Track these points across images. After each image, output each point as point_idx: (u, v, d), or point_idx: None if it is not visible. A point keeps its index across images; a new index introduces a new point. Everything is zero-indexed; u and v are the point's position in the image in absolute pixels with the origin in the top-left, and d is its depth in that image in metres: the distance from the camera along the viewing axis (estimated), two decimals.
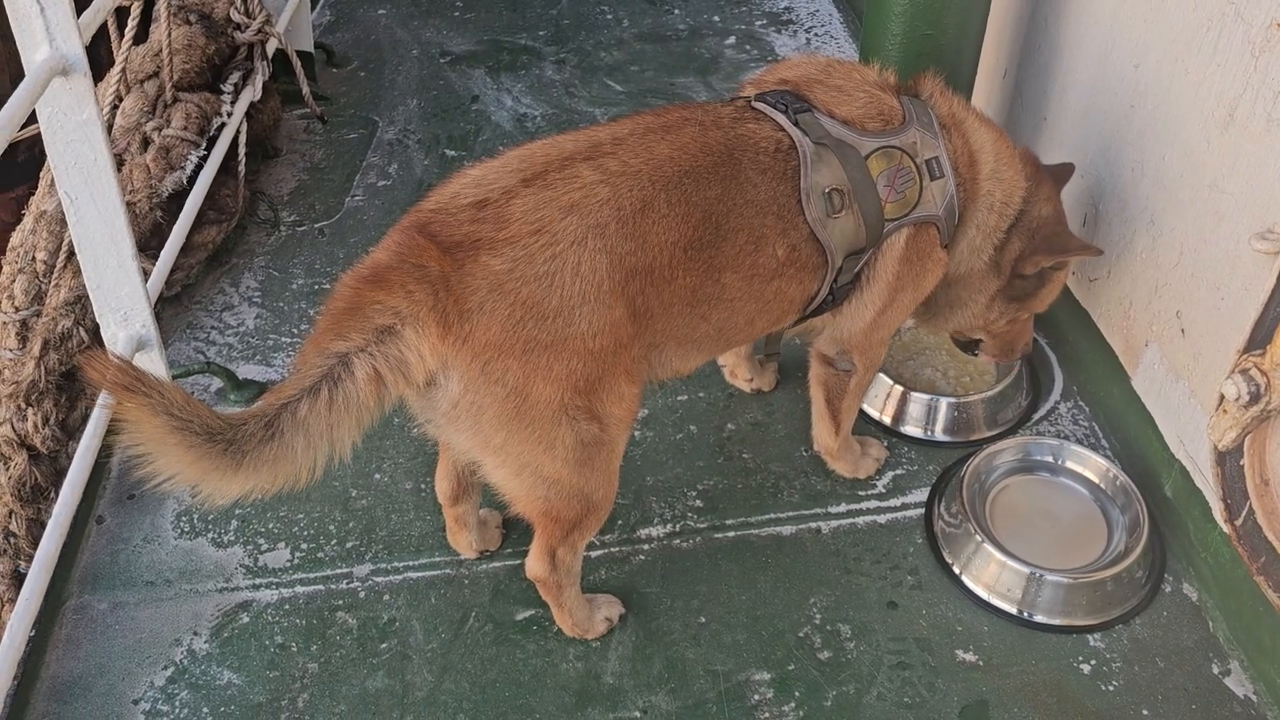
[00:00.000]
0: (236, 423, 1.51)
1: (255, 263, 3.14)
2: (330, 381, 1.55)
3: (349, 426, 1.58)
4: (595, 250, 1.64)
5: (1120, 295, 2.41)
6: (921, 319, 2.34)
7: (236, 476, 1.52)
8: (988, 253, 2.15)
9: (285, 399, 1.54)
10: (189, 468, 1.48)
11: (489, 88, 3.93)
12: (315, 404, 1.54)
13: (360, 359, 1.56)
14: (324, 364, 1.55)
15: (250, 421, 1.52)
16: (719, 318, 1.86)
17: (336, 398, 1.55)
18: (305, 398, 1.54)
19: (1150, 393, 2.32)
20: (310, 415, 1.54)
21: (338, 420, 1.56)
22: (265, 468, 1.53)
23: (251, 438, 1.51)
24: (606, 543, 2.32)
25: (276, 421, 1.53)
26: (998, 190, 2.09)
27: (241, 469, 1.51)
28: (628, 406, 1.78)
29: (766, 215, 1.83)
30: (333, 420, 1.56)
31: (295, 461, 1.55)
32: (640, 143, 1.76)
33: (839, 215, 1.89)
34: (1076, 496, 2.34)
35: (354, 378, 1.56)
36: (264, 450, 1.52)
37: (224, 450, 1.49)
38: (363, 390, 1.56)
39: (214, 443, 1.48)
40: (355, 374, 1.56)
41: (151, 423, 1.44)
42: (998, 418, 2.54)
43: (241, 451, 1.50)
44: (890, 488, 2.43)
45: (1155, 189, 2.23)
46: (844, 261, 1.94)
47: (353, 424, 1.58)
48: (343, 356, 1.56)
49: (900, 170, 1.94)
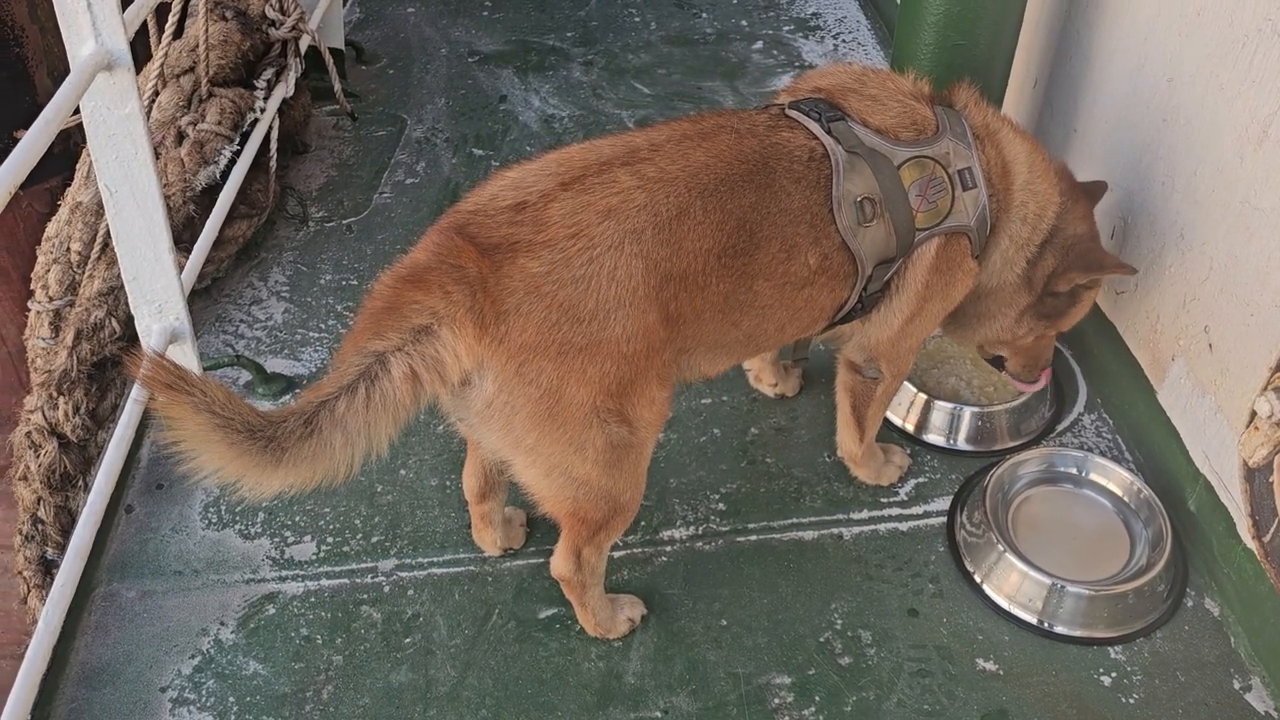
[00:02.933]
0: (277, 420, 1.53)
1: (284, 258, 3.17)
2: (368, 380, 1.57)
3: (386, 424, 1.60)
4: (631, 255, 1.65)
5: (1148, 309, 2.42)
6: (949, 330, 2.35)
7: (277, 472, 1.54)
8: (1020, 266, 2.16)
9: (324, 397, 1.56)
10: (231, 464, 1.51)
11: (517, 88, 3.95)
12: (353, 402, 1.56)
13: (397, 358, 1.58)
14: (361, 363, 1.58)
15: (290, 419, 1.54)
16: (750, 324, 1.87)
17: (374, 396, 1.57)
18: (343, 396, 1.56)
19: (1176, 407, 2.33)
20: (348, 413, 1.56)
21: (375, 418, 1.58)
22: (305, 464, 1.55)
23: (291, 435, 1.53)
24: (630, 543, 2.34)
25: (315, 419, 1.55)
26: (1031, 202, 2.10)
27: (281, 465, 1.53)
28: (658, 410, 1.79)
29: (799, 224, 1.84)
30: (370, 418, 1.58)
31: (333, 458, 1.57)
32: (677, 149, 1.78)
33: (870, 224, 1.90)
34: (1099, 509, 2.34)
35: (390, 376, 1.58)
36: (303, 447, 1.54)
37: (264, 447, 1.51)
38: (399, 389, 1.58)
39: (255, 439, 1.50)
40: (392, 373, 1.58)
41: (194, 420, 1.46)
42: (1021, 428, 2.54)
43: (281, 448, 1.52)
44: (913, 495, 2.44)
45: (1186, 204, 2.23)
46: (874, 270, 1.95)
47: (389, 422, 1.60)
48: (380, 355, 1.58)
49: (933, 180, 1.95)
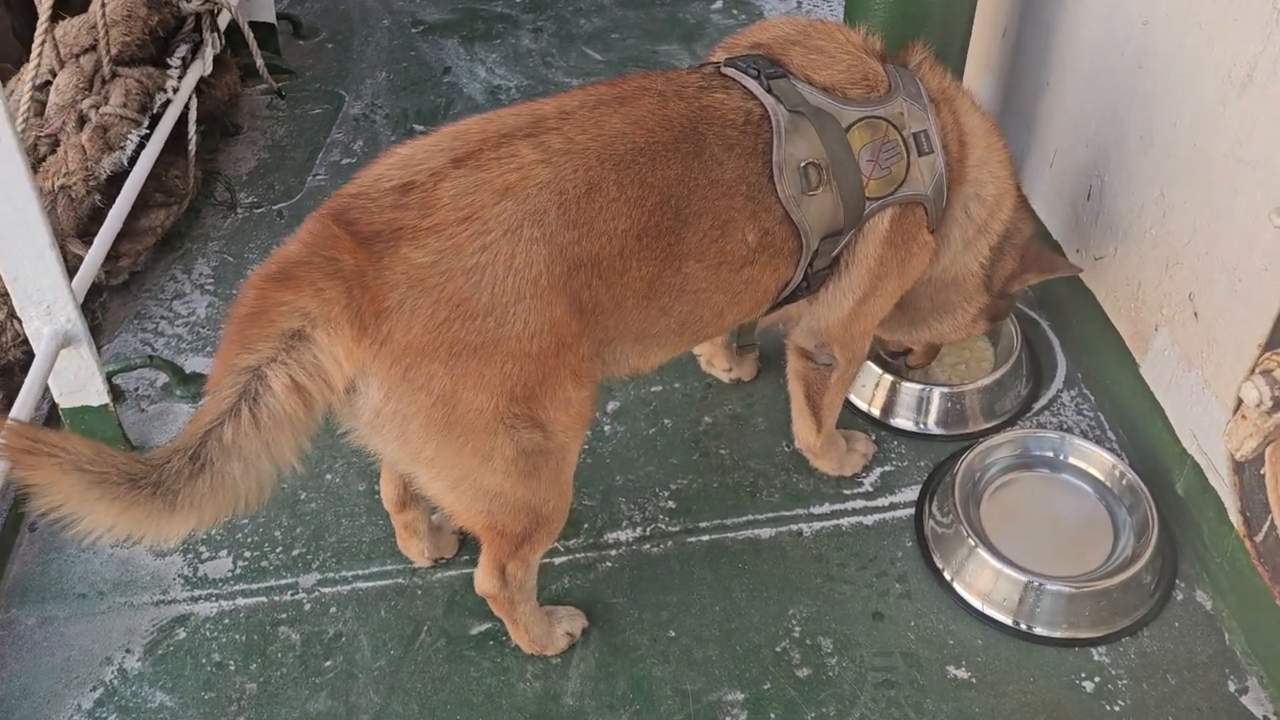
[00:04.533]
0: (159, 462, 1.38)
1: (209, 248, 2.96)
2: (249, 399, 1.40)
3: (286, 441, 1.44)
4: (532, 240, 1.46)
5: (1128, 275, 2.22)
6: (895, 326, 2.16)
7: (174, 518, 1.39)
8: (984, 253, 1.99)
9: (206, 426, 1.40)
10: (120, 519, 1.36)
11: (462, 58, 3.73)
12: (239, 426, 1.39)
13: (274, 370, 1.39)
14: (238, 381, 1.40)
15: (174, 458, 1.38)
16: (682, 311, 1.68)
17: (260, 415, 1.40)
18: (227, 421, 1.39)
19: (1160, 381, 2.14)
20: (239, 438, 1.40)
21: (271, 438, 1.42)
22: (205, 502, 1.40)
23: (179, 475, 1.38)
24: (571, 548, 2.16)
25: (203, 452, 1.39)
26: (989, 185, 1.92)
27: (178, 510, 1.39)
28: (576, 412, 1.61)
29: (734, 196, 1.64)
30: (265, 439, 1.41)
31: (236, 489, 1.42)
32: (589, 116, 1.57)
33: (815, 192, 1.70)
34: (1079, 496, 2.16)
35: (273, 392, 1.40)
36: (196, 485, 1.39)
37: (152, 495, 1.36)
38: (287, 403, 1.41)
39: (138, 489, 1.35)
40: (273, 387, 1.40)
41: (65, 482, 1.30)
42: (995, 408, 2.35)
43: (172, 492, 1.38)
44: (878, 485, 2.26)
45: (1165, 158, 2.03)
46: (820, 244, 1.75)
47: (289, 438, 1.44)
48: (255, 370, 1.39)
49: (885, 144, 1.75)
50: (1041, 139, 2.53)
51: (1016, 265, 2.09)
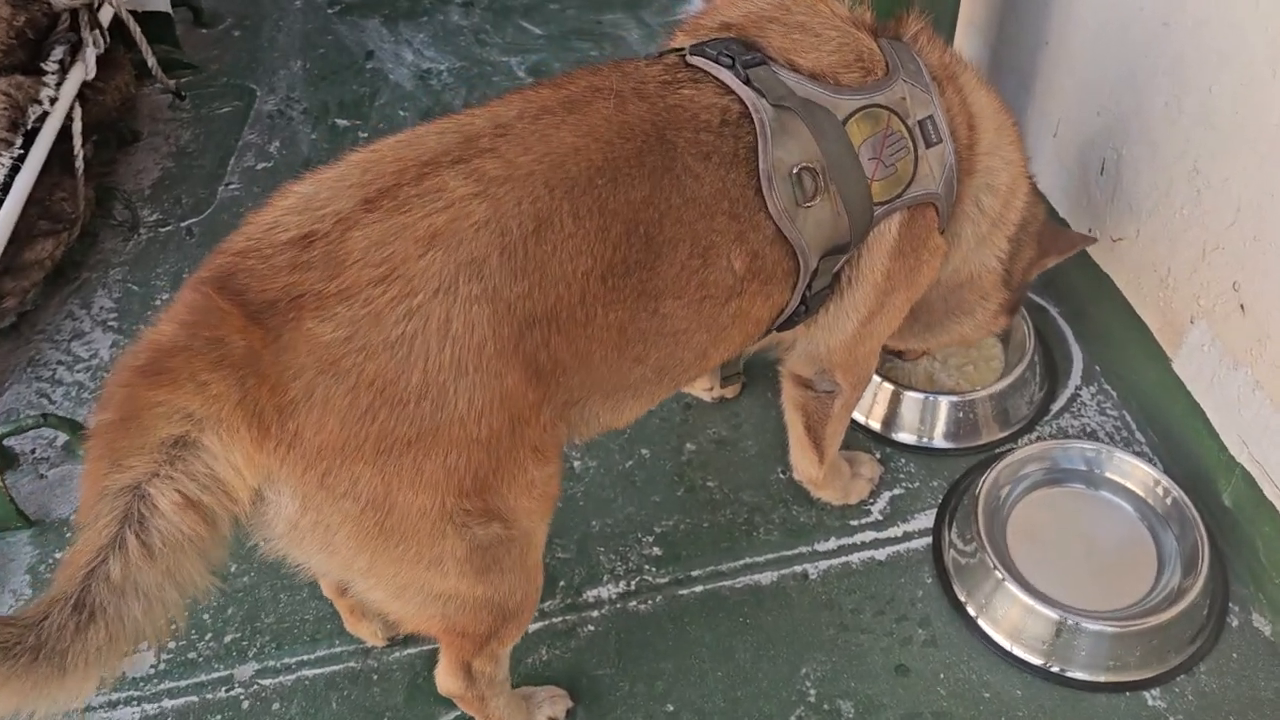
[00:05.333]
0: (34, 621, 1.08)
1: (110, 277, 2.61)
2: (134, 525, 1.10)
3: (193, 565, 1.15)
4: (471, 298, 1.16)
5: (1154, 259, 1.97)
6: (910, 333, 1.89)
7: (68, 682, 1.10)
8: (1002, 249, 1.72)
9: (87, 566, 1.10)
10: None
11: (386, 40, 3.36)
12: (129, 559, 1.10)
13: (158, 487, 1.09)
14: (114, 506, 1.10)
15: (53, 611, 1.09)
16: (660, 357, 1.39)
17: (153, 542, 1.10)
18: (112, 556, 1.10)
19: (1199, 380, 1.89)
20: (131, 573, 1.11)
21: (173, 564, 1.13)
22: (104, 655, 1.12)
23: (63, 631, 1.09)
24: (547, 611, 1.88)
25: (88, 598, 1.10)
26: (1003, 172, 1.65)
27: (70, 671, 1.10)
28: (541, 492, 1.32)
29: (715, 215, 1.35)
30: (165, 567, 1.12)
31: (140, 630, 1.13)
32: (531, 130, 1.27)
33: (812, 203, 1.41)
34: (1117, 514, 1.92)
35: (161, 513, 1.10)
36: (87, 638, 1.10)
37: (33, 661, 1.07)
38: (182, 524, 1.11)
39: (13, 658, 1.06)
40: (160, 507, 1.10)
41: None
42: (1010, 415, 2.10)
43: (57, 652, 1.09)
44: (888, 513, 2.01)
45: (1199, 128, 1.77)
46: (820, 263, 1.47)
47: (195, 561, 1.15)
48: (134, 489, 1.09)
49: (890, 136, 1.47)
50: (1043, 105, 2.26)
51: (1034, 252, 1.84)
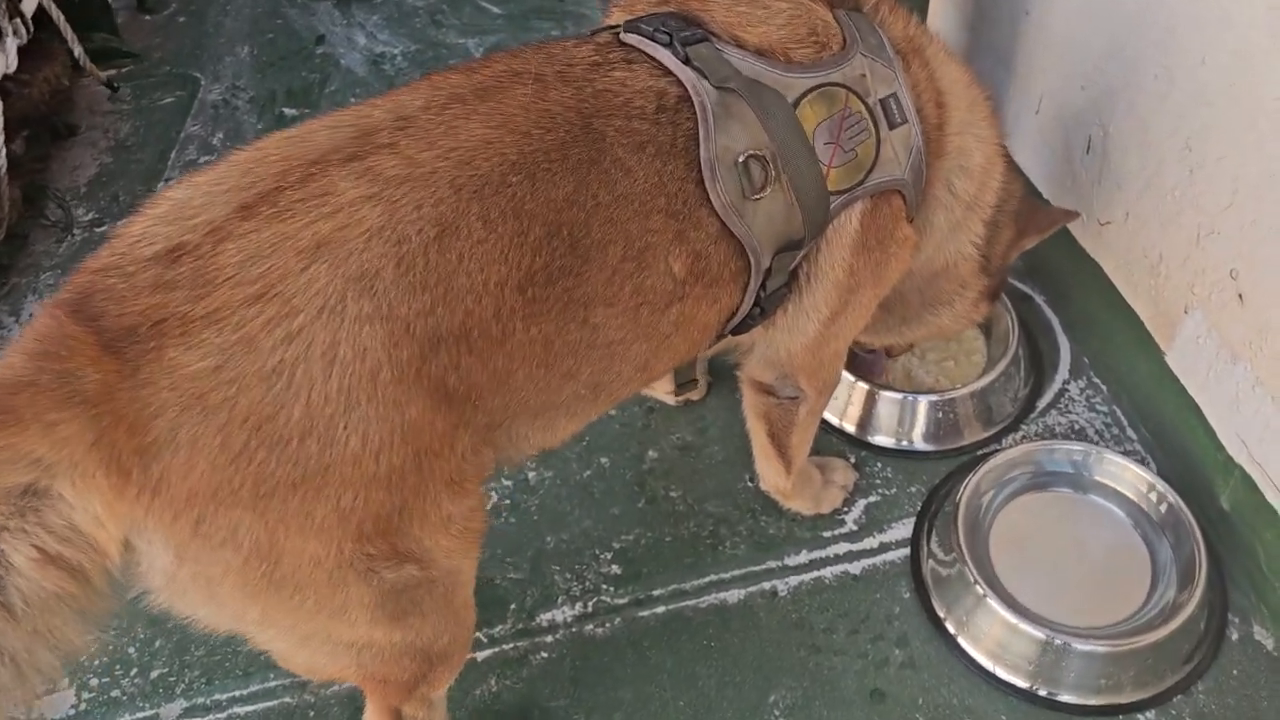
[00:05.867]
0: None
1: (41, 281, 2.47)
2: None
3: (67, 622, 1.02)
4: (361, 318, 1.01)
5: (1144, 244, 1.83)
6: (884, 328, 1.75)
7: None
8: (978, 234, 1.58)
9: None
10: None
11: (337, 24, 3.20)
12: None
13: (9, 543, 0.96)
14: None
15: None
16: (594, 371, 1.25)
17: (13, 603, 0.97)
18: None
19: (1194, 374, 1.76)
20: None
21: (42, 625, 1.00)
22: None
23: None
24: (497, 637, 1.75)
25: None
26: (976, 151, 1.51)
27: None
28: (462, 527, 1.18)
29: (651, 213, 1.21)
30: (32, 628, 0.99)
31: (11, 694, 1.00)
32: (437, 122, 1.12)
33: (761, 194, 1.27)
34: (1108, 520, 1.78)
35: (17, 570, 0.96)
36: None
37: None
38: (45, 581, 0.98)
39: None
40: (15, 564, 0.96)
41: None
42: (993, 413, 1.96)
43: None
44: (863, 522, 1.87)
45: (1193, 103, 1.62)
46: (774, 260, 1.33)
47: (69, 616, 1.02)
48: None
49: (848, 118, 1.32)
50: (1024, 79, 2.11)
51: (1012, 233, 1.71)
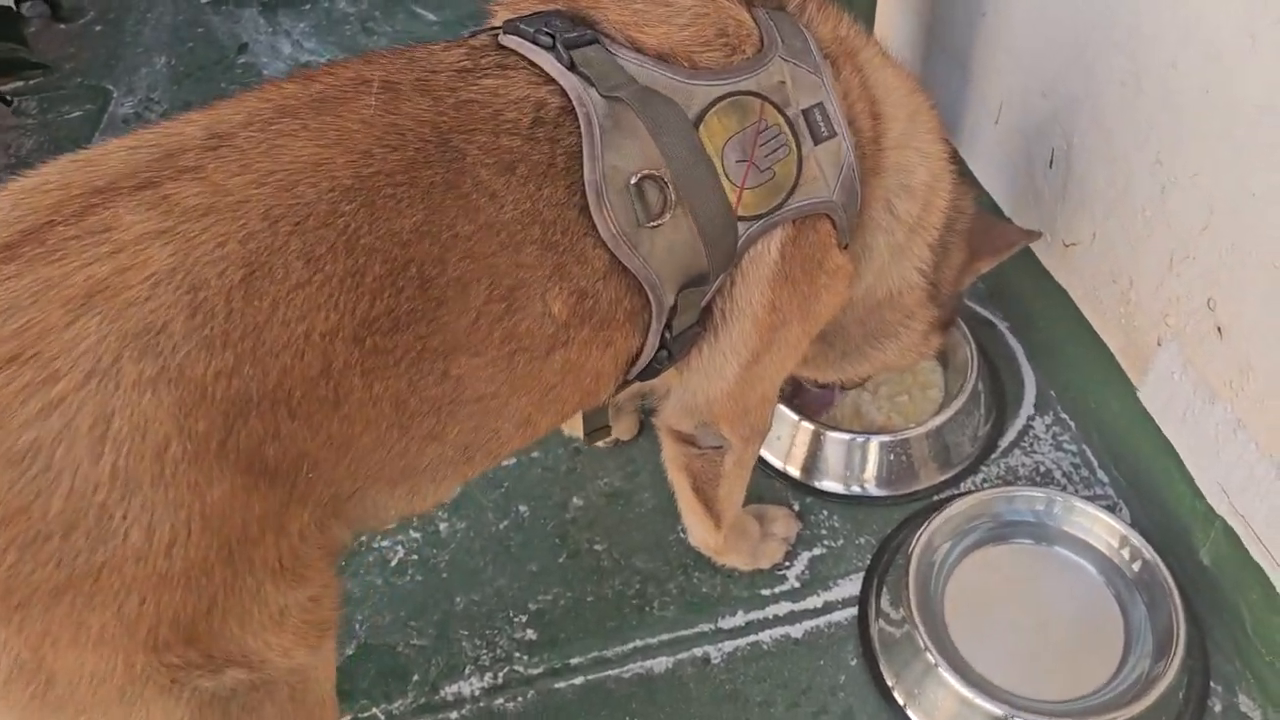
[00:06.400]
0: None
1: None
2: None
3: None
4: (141, 383, 0.82)
5: (1113, 269, 1.65)
6: (824, 363, 1.57)
7: None
8: (924, 259, 1.40)
9: None
10: None
11: (262, 31, 3.01)
12: None
13: None
14: None
15: None
16: (463, 431, 1.06)
17: None
18: None
19: (1169, 414, 1.58)
20: None
21: None
22: None
23: None
24: (396, 713, 1.56)
25: None
26: (919, 167, 1.33)
27: None
28: (301, 620, 0.99)
29: (523, 245, 1.02)
30: None
31: None
32: (259, 140, 0.93)
33: (659, 221, 1.09)
34: (1077, 578, 1.60)
35: None
36: None
37: None
38: None
39: None
40: None
41: None
42: (951, 453, 1.78)
43: None
44: (807, 578, 1.69)
45: (1162, 113, 1.45)
46: (679, 297, 1.14)
47: None
48: None
49: (763, 131, 1.14)
50: (981, 86, 1.94)
51: (964, 255, 1.53)
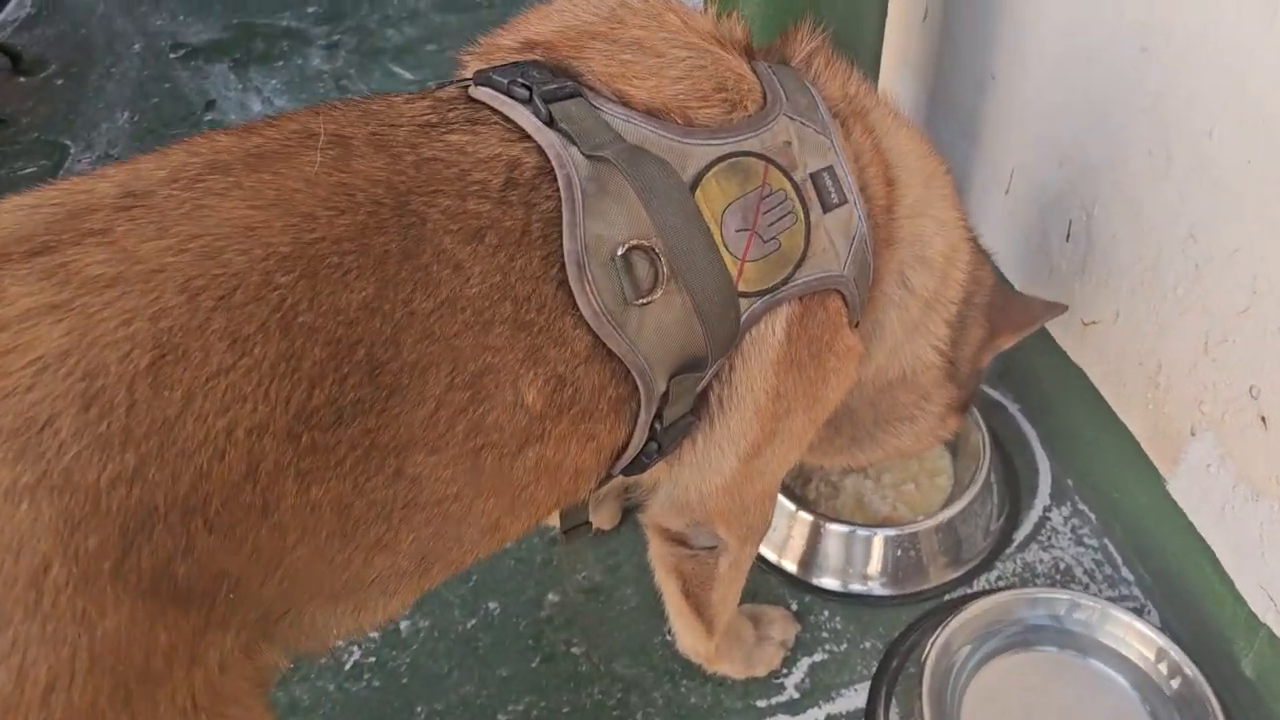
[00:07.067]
0: None
1: None
2: None
3: None
4: (17, 490, 0.67)
5: (1139, 350, 1.53)
6: (832, 449, 1.43)
7: None
8: (941, 336, 1.26)
9: None
10: None
11: (232, 88, 2.89)
12: None
13: None
14: None
15: None
16: (419, 539, 0.90)
17: None
18: None
19: (1204, 509, 1.44)
20: None
21: None
22: None
23: None
24: None
25: None
26: (935, 237, 1.20)
27: None
28: None
29: (492, 325, 0.87)
30: None
31: None
32: (182, 199, 0.79)
33: (650, 298, 0.95)
34: (1105, 689, 1.45)
35: None
36: None
37: None
38: None
39: None
40: None
41: None
42: (962, 549, 1.64)
43: None
44: (806, 687, 1.52)
45: (1196, 184, 1.34)
46: (671, 385, 1.00)
47: None
48: None
49: (767, 198, 1.01)
50: (991, 153, 1.83)
51: (984, 331, 1.39)
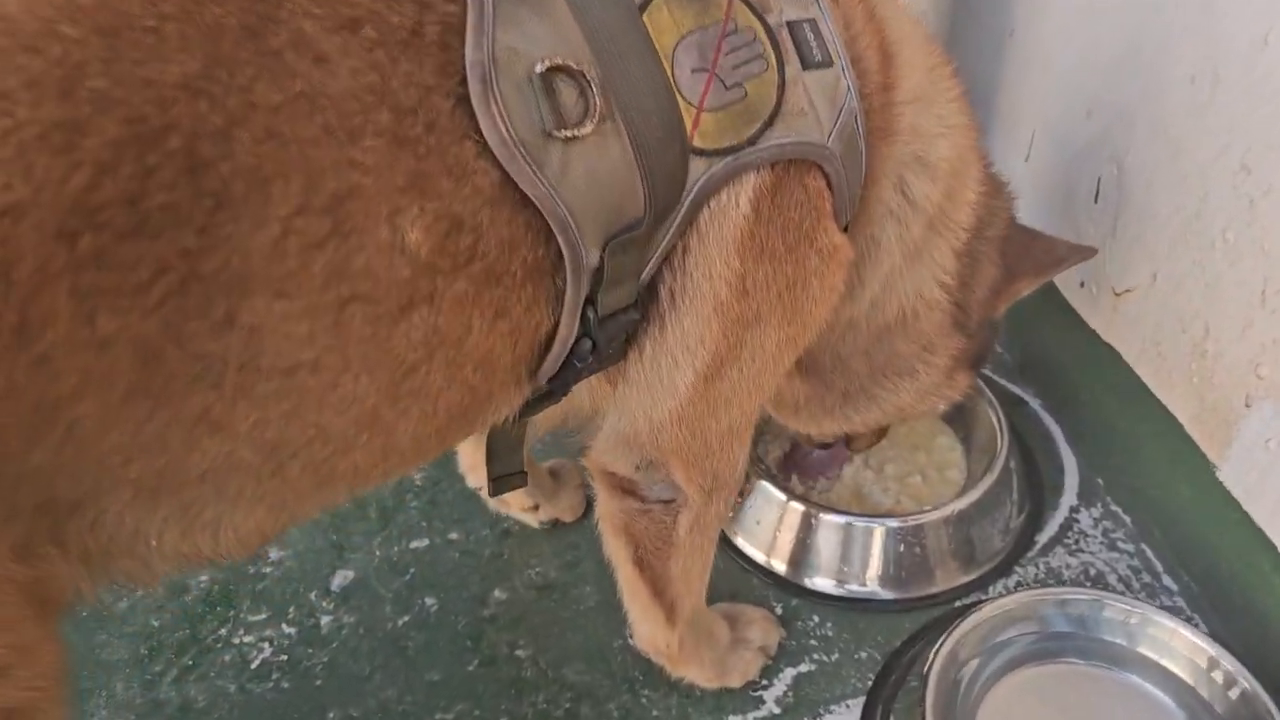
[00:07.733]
0: None
1: None
2: None
3: None
4: None
5: (1182, 314, 1.32)
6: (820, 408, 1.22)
7: None
8: (945, 263, 1.07)
9: None
10: None
11: None
12: None
13: None
14: None
15: None
16: (262, 420, 0.69)
17: None
18: None
19: (1262, 497, 1.22)
20: None
21: None
22: None
23: None
24: None
25: None
26: (940, 139, 1.02)
27: None
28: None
29: (361, 134, 0.68)
30: None
31: None
32: None
33: (576, 133, 0.76)
34: (1143, 704, 1.20)
35: None
36: None
37: None
38: None
39: None
40: None
41: None
42: (975, 548, 1.40)
43: None
44: (790, 702, 1.28)
45: (1250, 106, 1.15)
46: (606, 252, 0.80)
47: None
48: None
49: (731, 36, 0.83)
50: (1008, 120, 1.66)
51: (999, 272, 1.18)
